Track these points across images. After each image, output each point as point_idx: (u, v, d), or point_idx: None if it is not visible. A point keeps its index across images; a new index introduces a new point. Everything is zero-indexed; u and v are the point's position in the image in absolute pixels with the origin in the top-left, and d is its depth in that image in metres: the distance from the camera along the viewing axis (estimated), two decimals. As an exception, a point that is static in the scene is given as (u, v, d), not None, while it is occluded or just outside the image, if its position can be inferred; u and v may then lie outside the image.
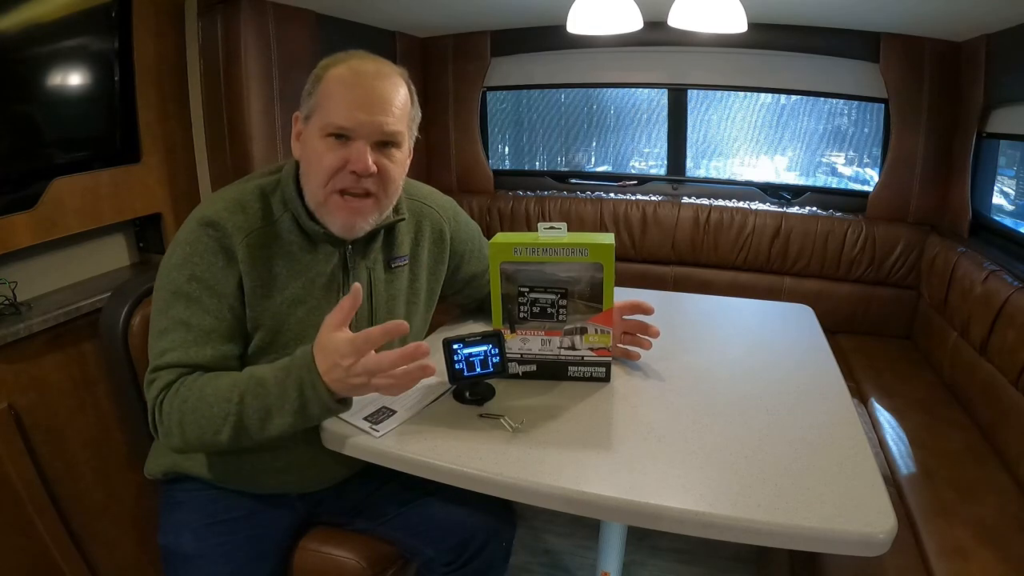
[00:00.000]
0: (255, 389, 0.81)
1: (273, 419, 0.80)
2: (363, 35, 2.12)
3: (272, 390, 0.80)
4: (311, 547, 1.02)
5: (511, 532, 1.07)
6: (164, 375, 0.83)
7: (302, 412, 0.80)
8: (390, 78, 0.89)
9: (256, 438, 0.82)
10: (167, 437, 0.84)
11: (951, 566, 1.05)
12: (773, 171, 2.60)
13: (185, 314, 0.84)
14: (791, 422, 0.89)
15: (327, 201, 0.89)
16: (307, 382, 0.79)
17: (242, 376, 0.83)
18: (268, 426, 0.81)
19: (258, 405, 0.80)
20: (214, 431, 0.81)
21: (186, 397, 0.81)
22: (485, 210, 2.51)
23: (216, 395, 0.81)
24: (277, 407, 0.80)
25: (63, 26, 1.30)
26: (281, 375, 0.81)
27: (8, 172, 1.24)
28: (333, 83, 0.86)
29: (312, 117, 0.88)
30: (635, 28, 1.52)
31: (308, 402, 0.79)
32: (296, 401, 0.79)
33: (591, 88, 2.63)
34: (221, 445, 0.82)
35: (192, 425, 0.81)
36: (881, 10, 1.82)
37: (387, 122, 0.87)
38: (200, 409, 0.81)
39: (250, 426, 0.81)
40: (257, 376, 0.82)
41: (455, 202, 1.16)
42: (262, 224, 0.89)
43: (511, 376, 1.01)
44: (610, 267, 0.93)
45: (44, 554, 1.20)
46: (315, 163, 0.87)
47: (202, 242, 0.85)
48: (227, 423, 0.80)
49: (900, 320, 2.14)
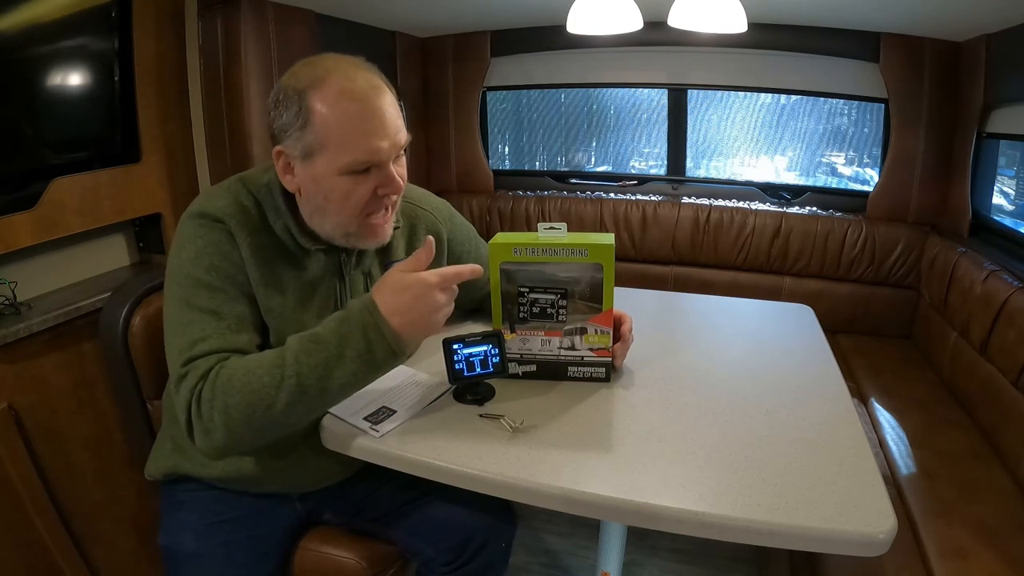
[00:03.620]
0: (308, 347, 0.77)
1: (334, 372, 0.77)
2: (363, 35, 2.12)
3: (330, 340, 0.77)
4: (311, 547, 1.02)
5: (511, 532, 1.07)
6: (201, 364, 0.77)
7: (367, 357, 0.77)
8: (381, 88, 0.83)
9: (316, 401, 0.78)
10: (207, 434, 0.77)
11: (951, 566, 1.06)
12: (773, 171, 2.60)
13: (212, 303, 0.80)
14: (791, 422, 0.89)
15: (361, 228, 0.87)
16: (370, 324, 0.77)
17: (290, 341, 0.79)
18: (330, 381, 0.77)
19: (315, 361, 0.76)
20: (267, 403, 0.75)
21: (230, 376, 0.76)
22: (485, 210, 2.51)
23: (263, 365, 0.76)
24: (337, 357, 0.76)
25: (63, 26, 1.30)
26: (336, 325, 0.78)
27: (8, 172, 1.24)
28: (335, 117, 0.79)
29: (317, 156, 0.80)
30: (635, 28, 1.52)
31: (373, 345, 0.77)
32: (360, 344, 0.76)
33: (591, 88, 2.63)
34: (275, 421, 0.76)
35: (239, 406, 0.75)
36: (881, 10, 1.82)
37: (399, 135, 0.84)
38: (249, 383, 0.75)
39: (309, 386, 0.76)
40: (307, 335, 0.78)
41: (449, 204, 1.16)
42: (260, 226, 0.87)
43: (511, 376, 1.01)
44: (610, 267, 0.93)
45: (44, 554, 1.20)
46: (341, 201, 0.83)
47: (213, 235, 0.83)
48: (282, 388, 0.75)
49: (900, 320, 2.14)
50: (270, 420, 0.77)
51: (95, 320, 1.20)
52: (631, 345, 1.03)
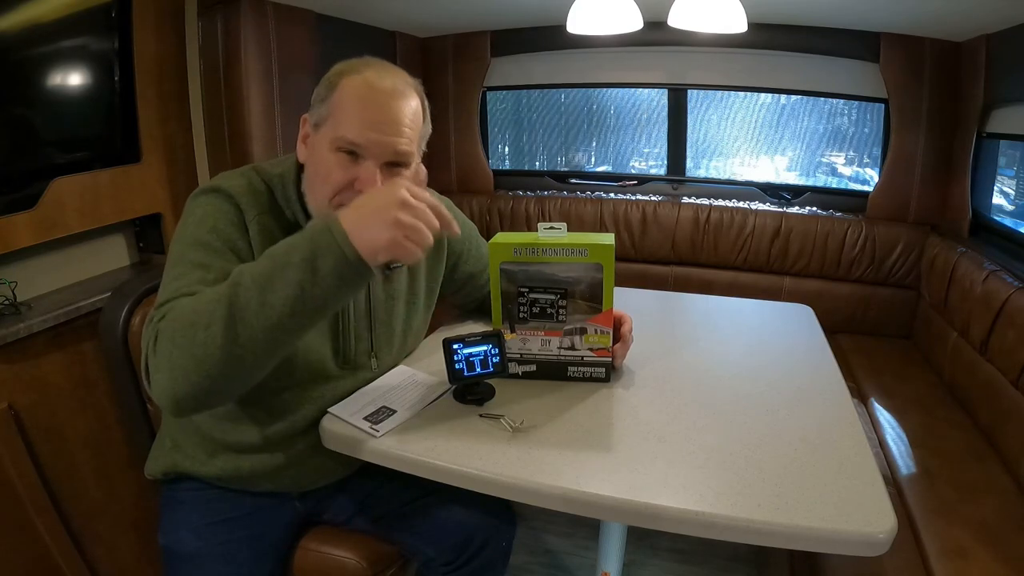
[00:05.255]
0: (256, 264, 0.72)
1: (275, 282, 0.68)
2: (363, 35, 2.12)
3: (278, 249, 0.72)
4: (311, 547, 1.02)
5: (511, 532, 1.07)
6: (172, 305, 0.74)
7: (312, 262, 0.69)
8: (405, 95, 0.86)
9: (259, 320, 0.68)
10: (156, 372, 0.71)
11: (951, 566, 1.05)
12: (773, 171, 2.60)
13: (205, 259, 0.80)
14: (791, 422, 0.89)
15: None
16: (319, 226, 0.70)
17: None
18: (271, 293, 0.68)
19: (259, 270, 0.70)
20: (206, 322, 0.68)
21: (182, 305, 0.73)
22: (485, 210, 2.51)
23: (212, 291, 0.72)
24: (282, 266, 0.69)
25: (63, 26, 1.30)
26: (291, 239, 0.72)
27: (8, 172, 1.24)
28: (348, 95, 0.83)
29: (323, 126, 0.85)
30: (635, 28, 1.52)
31: (319, 246, 0.69)
32: (306, 247, 0.69)
33: (591, 88, 2.63)
34: (218, 349, 0.68)
35: (181, 329, 0.69)
36: (881, 10, 1.82)
37: (399, 143, 0.84)
38: (193, 305, 0.71)
39: (249, 299, 0.68)
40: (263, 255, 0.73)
41: (450, 201, 1.16)
42: (269, 209, 0.88)
43: (511, 376, 1.01)
44: (610, 267, 0.93)
45: (44, 554, 1.20)
46: (322, 175, 0.85)
47: (222, 207, 0.84)
48: (221, 302, 0.69)
49: (900, 320, 2.14)
50: (212, 347, 0.68)
51: (95, 320, 1.20)
52: (631, 345, 1.03)
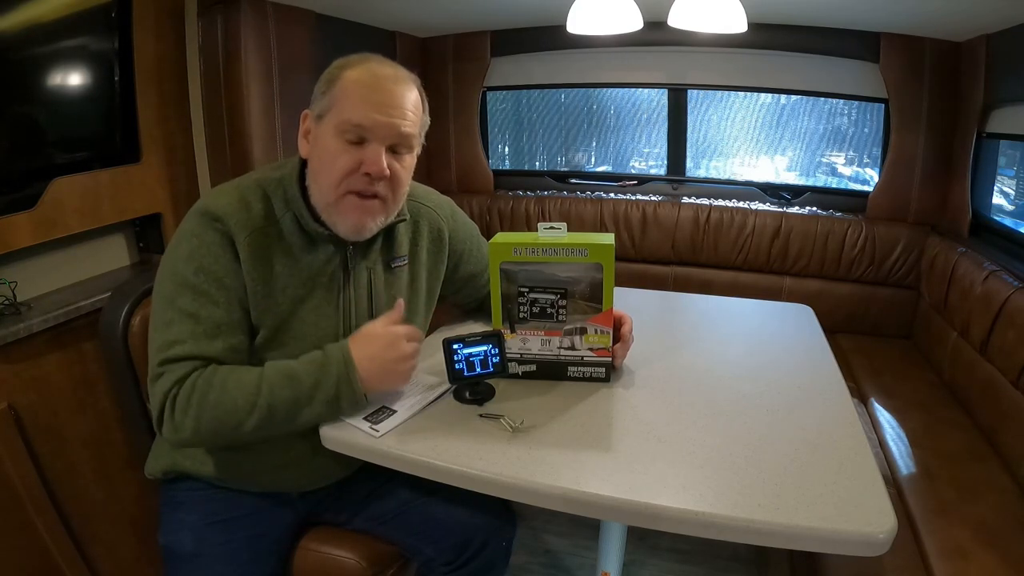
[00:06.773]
0: (283, 381, 0.84)
1: (302, 411, 0.85)
2: (363, 35, 2.12)
3: (305, 381, 0.85)
4: (311, 547, 1.02)
5: (511, 532, 1.07)
6: (175, 368, 0.82)
7: (334, 403, 0.86)
8: (406, 83, 0.90)
9: (281, 429, 0.86)
10: (176, 432, 0.83)
11: (951, 566, 1.05)
12: (773, 171, 2.60)
13: (193, 306, 0.84)
14: (791, 422, 0.89)
15: (338, 202, 0.88)
16: (344, 377, 0.85)
17: (268, 369, 0.85)
18: (297, 417, 0.85)
19: (287, 396, 0.84)
20: (236, 423, 0.82)
21: (205, 391, 0.82)
22: (485, 210, 2.51)
23: (240, 387, 0.83)
24: (307, 398, 0.84)
25: (63, 26, 1.30)
26: (313, 368, 0.86)
27: (8, 172, 1.24)
28: (351, 83, 0.87)
29: (326, 116, 0.87)
30: (635, 28, 1.52)
31: (342, 394, 0.86)
32: (331, 392, 0.85)
33: (591, 88, 2.63)
34: (240, 437, 0.84)
35: (211, 420, 0.82)
36: (881, 10, 1.82)
37: (403, 124, 0.88)
38: (223, 403, 0.82)
39: (277, 417, 0.84)
40: (286, 370, 0.85)
41: (452, 201, 1.16)
42: (264, 223, 0.88)
43: (511, 376, 1.01)
44: (610, 267, 0.93)
45: (44, 554, 1.20)
46: (328, 163, 0.87)
47: (208, 235, 0.85)
48: (253, 414, 0.82)
49: (900, 320, 2.14)
50: (237, 436, 0.84)
51: (95, 320, 1.20)
52: (631, 345, 1.03)
